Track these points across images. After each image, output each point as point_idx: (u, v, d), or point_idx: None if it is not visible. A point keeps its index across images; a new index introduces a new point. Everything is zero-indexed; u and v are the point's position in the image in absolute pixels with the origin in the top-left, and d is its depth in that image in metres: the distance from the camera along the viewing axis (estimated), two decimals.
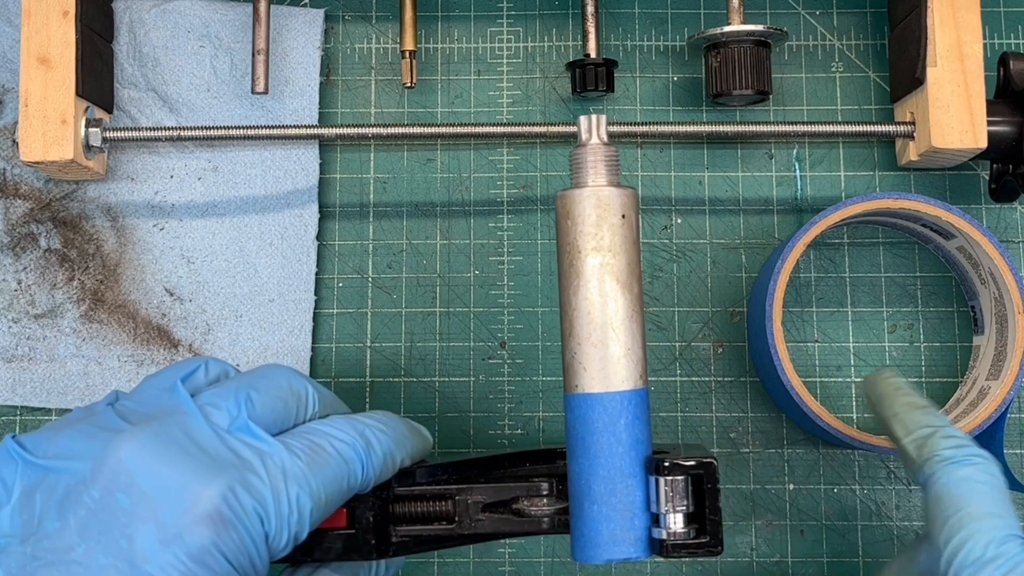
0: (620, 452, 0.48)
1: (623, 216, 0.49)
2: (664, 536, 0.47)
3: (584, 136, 0.50)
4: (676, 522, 0.47)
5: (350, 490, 0.48)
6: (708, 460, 0.47)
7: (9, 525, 0.44)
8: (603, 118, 0.50)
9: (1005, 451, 0.64)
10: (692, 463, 0.47)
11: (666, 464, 0.47)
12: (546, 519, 0.51)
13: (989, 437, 0.60)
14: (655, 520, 0.48)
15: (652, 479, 0.48)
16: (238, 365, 0.64)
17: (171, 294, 0.65)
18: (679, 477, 0.47)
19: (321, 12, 0.67)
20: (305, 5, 0.68)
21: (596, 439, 0.48)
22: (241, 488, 0.43)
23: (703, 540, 0.47)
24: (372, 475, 0.49)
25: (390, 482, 0.51)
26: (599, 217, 0.49)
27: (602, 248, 0.49)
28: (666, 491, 0.47)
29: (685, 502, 0.47)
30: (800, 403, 0.58)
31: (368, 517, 0.50)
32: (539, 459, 0.53)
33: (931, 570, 0.50)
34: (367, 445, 0.49)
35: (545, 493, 0.51)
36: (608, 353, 0.48)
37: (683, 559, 0.48)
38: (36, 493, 0.44)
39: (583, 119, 0.50)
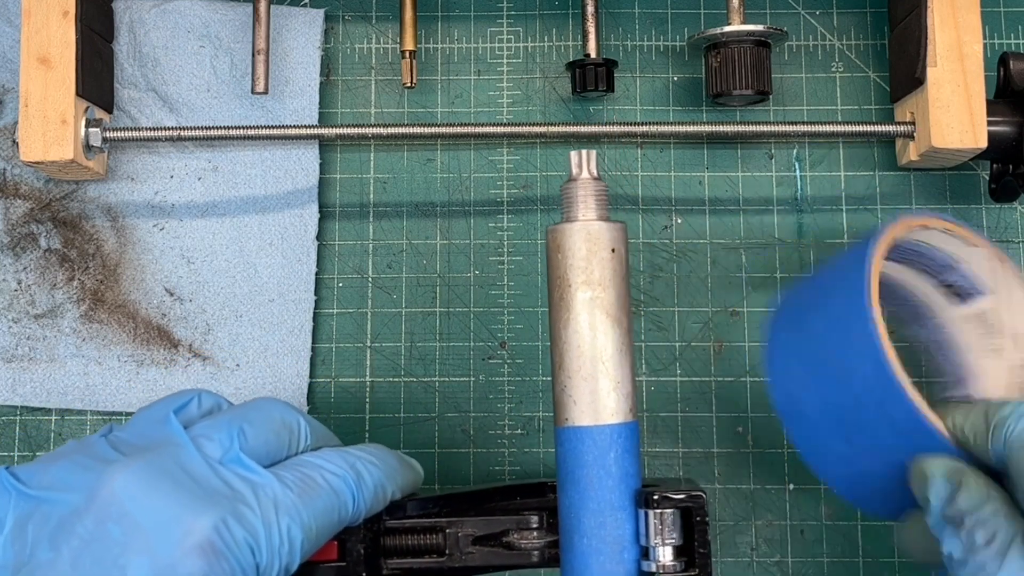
0: (610, 485, 0.49)
1: (613, 250, 0.50)
2: (654, 569, 0.48)
3: (575, 171, 0.51)
4: (665, 555, 0.48)
5: (341, 522, 0.49)
6: (697, 493, 0.48)
7: (1, 556, 0.44)
8: (593, 153, 0.51)
9: None
10: (681, 496, 0.48)
11: (655, 497, 0.48)
12: (536, 552, 0.52)
13: None
14: (644, 553, 0.48)
15: (641, 512, 0.48)
16: (238, 365, 0.64)
17: (171, 294, 0.65)
18: (668, 510, 0.48)
19: (321, 12, 0.67)
20: (305, 5, 0.68)
21: (586, 472, 0.49)
22: (233, 519, 0.44)
23: (692, 573, 0.48)
24: (363, 507, 0.49)
25: (381, 515, 0.51)
26: (589, 251, 0.49)
27: (592, 282, 0.49)
28: (655, 524, 0.48)
29: (674, 535, 0.48)
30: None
31: (359, 550, 0.50)
32: (530, 492, 0.53)
33: None
34: (358, 477, 0.49)
35: (535, 526, 0.52)
36: (598, 387, 0.49)
37: None
38: (29, 524, 0.44)
39: (574, 154, 0.51)
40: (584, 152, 0.51)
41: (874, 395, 0.48)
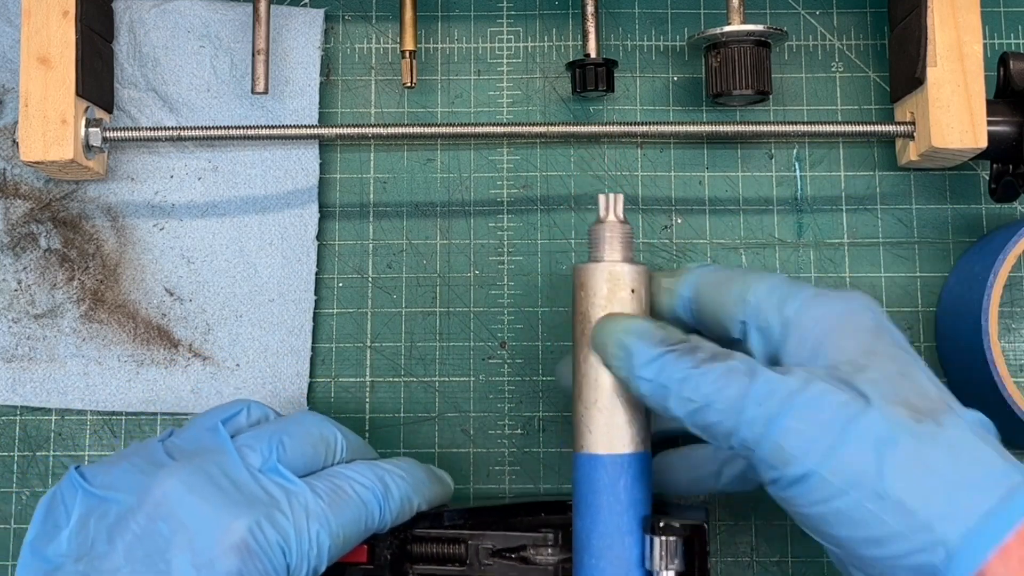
0: (619, 511, 0.51)
1: (632, 291, 0.52)
2: None
3: (603, 213, 0.53)
4: None
5: (368, 530, 0.53)
6: (699, 525, 0.50)
7: (66, 546, 0.49)
8: (620, 197, 0.53)
9: None
10: (685, 525, 0.50)
11: (661, 525, 0.50)
12: (551, 567, 0.55)
13: None
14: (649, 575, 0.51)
15: (647, 538, 0.50)
16: (238, 365, 0.64)
17: (171, 294, 0.65)
18: (672, 538, 0.50)
19: (321, 12, 0.67)
20: (305, 5, 0.68)
21: (597, 498, 0.51)
22: (267, 523, 0.48)
23: None
24: (389, 517, 0.53)
25: (409, 524, 0.55)
26: (610, 291, 0.52)
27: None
28: (660, 550, 0.50)
29: (676, 561, 0.50)
30: (1019, 411, 0.59)
31: (387, 555, 0.55)
32: (552, 509, 0.57)
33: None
34: (385, 489, 0.53)
35: (551, 543, 0.55)
36: (612, 419, 0.51)
37: None
38: (91, 519, 0.49)
39: (602, 197, 0.54)
40: (612, 196, 0.53)
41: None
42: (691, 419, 0.47)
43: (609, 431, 0.51)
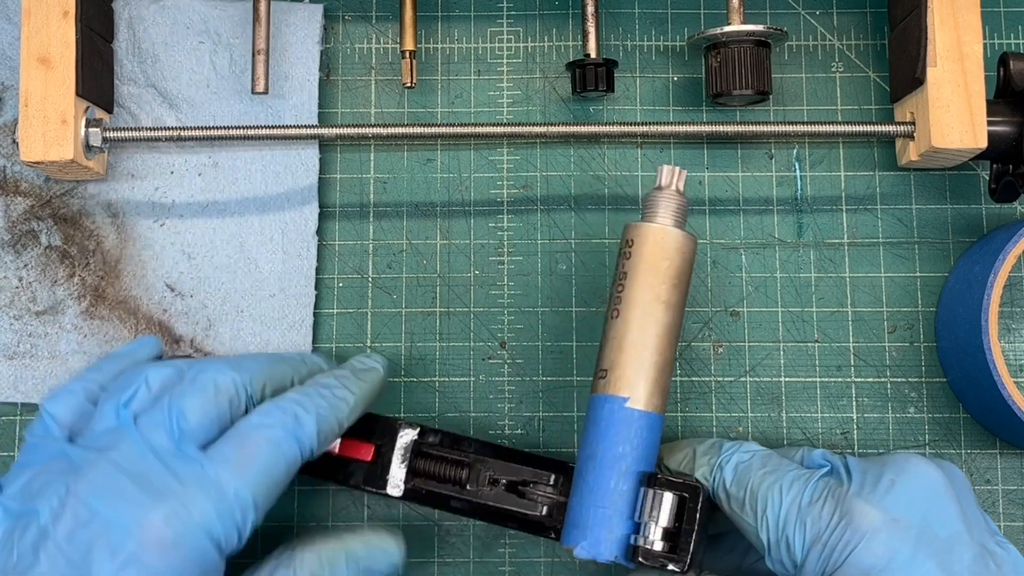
0: (624, 459, 0.53)
1: (681, 255, 0.55)
2: (640, 543, 0.52)
3: (665, 181, 0.56)
4: (653, 532, 0.52)
5: (291, 464, 0.53)
6: (695, 485, 0.52)
7: None
8: (684, 173, 0.57)
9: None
10: (680, 482, 0.52)
11: (658, 477, 0.52)
12: (544, 506, 0.56)
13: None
14: (637, 528, 0.52)
15: (642, 490, 0.52)
16: None
17: (172, 290, 0.65)
18: (666, 493, 0.52)
19: (320, 8, 0.67)
20: (304, 1, 0.68)
21: (606, 441, 0.53)
22: (183, 509, 0.49)
23: (673, 556, 0.51)
24: (311, 443, 0.53)
25: (420, 437, 0.58)
26: (661, 251, 0.55)
27: (657, 278, 0.55)
28: (650, 503, 0.52)
29: (665, 517, 0.52)
30: (1019, 412, 0.59)
31: (390, 458, 0.57)
32: (557, 468, 0.57)
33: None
34: (295, 421, 0.53)
35: (551, 483, 0.56)
36: (639, 370, 0.53)
37: (653, 568, 0.52)
38: (14, 533, 0.49)
39: (665, 168, 0.56)
40: (677, 168, 0.56)
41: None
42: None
43: (634, 382, 0.53)
